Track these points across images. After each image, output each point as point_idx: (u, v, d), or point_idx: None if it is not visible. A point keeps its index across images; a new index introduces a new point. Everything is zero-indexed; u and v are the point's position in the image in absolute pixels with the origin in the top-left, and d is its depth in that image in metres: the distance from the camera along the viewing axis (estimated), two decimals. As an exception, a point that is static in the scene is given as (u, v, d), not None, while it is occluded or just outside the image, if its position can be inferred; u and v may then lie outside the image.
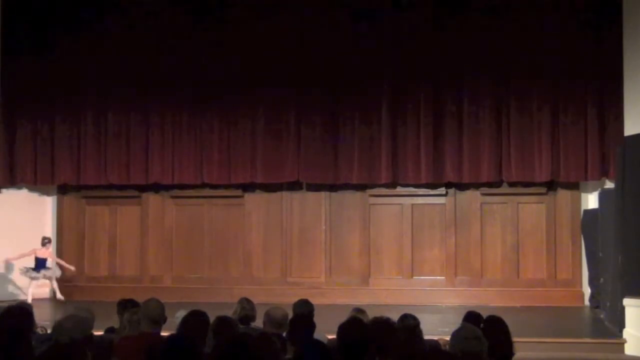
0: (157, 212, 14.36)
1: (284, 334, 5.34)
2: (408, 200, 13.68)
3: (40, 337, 5.40)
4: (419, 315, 5.77)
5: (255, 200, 14.07)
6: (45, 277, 13.34)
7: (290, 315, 5.73)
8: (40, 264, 13.21)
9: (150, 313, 5.12)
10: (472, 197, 13.50)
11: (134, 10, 13.80)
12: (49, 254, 13.40)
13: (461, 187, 13.41)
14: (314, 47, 13.21)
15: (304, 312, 5.84)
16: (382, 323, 4.90)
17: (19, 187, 14.37)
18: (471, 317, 5.68)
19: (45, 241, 13.38)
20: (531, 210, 13.39)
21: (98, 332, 5.66)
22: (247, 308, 6.13)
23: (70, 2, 13.95)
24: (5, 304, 5.44)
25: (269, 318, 5.66)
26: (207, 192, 14.12)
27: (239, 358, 3.28)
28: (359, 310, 6.26)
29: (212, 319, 5.34)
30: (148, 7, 13.77)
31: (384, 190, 13.64)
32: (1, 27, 13.86)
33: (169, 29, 13.63)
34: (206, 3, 13.71)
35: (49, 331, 5.83)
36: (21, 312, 5.13)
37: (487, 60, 12.81)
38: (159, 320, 5.12)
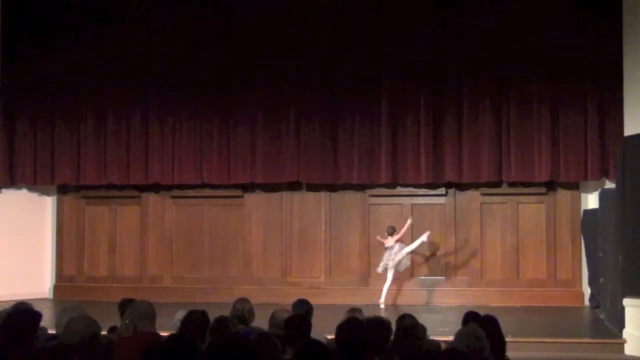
0: (157, 212, 14.37)
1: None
2: (408, 200, 13.67)
3: (43, 337, 5.38)
4: (418, 316, 5.77)
5: (255, 200, 14.07)
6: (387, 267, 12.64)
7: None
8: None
9: (139, 310, 5.10)
10: (472, 197, 13.50)
11: (134, 11, 13.81)
12: (392, 242, 12.66)
13: (461, 187, 13.42)
14: (314, 47, 13.22)
15: (301, 312, 5.83)
16: (377, 323, 4.91)
17: (19, 187, 14.38)
18: (470, 318, 5.67)
19: (389, 230, 12.74)
20: (531, 210, 13.39)
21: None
22: (239, 309, 6.11)
23: (69, 3, 13.96)
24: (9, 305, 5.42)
25: (271, 319, 5.69)
26: (207, 192, 14.12)
27: (231, 357, 3.27)
28: (355, 310, 6.25)
29: (212, 319, 5.34)
30: (148, 7, 13.78)
31: (384, 190, 13.65)
32: (1, 27, 13.88)
33: (168, 30, 13.64)
34: (205, 4, 13.72)
35: (48, 331, 5.82)
36: (27, 313, 5.11)
37: (487, 60, 12.82)
38: (150, 314, 5.09)
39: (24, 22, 14.00)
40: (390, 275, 12.65)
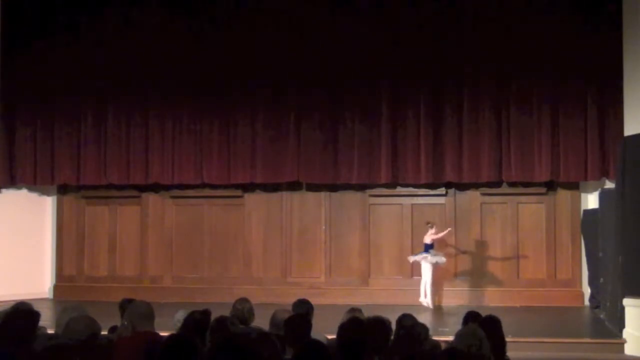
0: (157, 212, 14.37)
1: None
2: (408, 200, 13.68)
3: (43, 336, 5.38)
4: (418, 316, 5.77)
5: (255, 200, 14.07)
6: (427, 260, 12.42)
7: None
8: (426, 248, 12.53)
9: (137, 311, 5.10)
10: (472, 197, 13.50)
11: (134, 12, 13.81)
12: (430, 237, 12.51)
13: (461, 187, 13.41)
14: (314, 47, 13.22)
15: (301, 312, 5.83)
16: (378, 323, 4.91)
17: (19, 187, 14.39)
18: (470, 318, 5.67)
19: (428, 225, 12.60)
20: (531, 210, 13.39)
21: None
22: (239, 309, 6.11)
23: (69, 4, 13.96)
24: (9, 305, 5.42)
25: (271, 319, 5.69)
26: (207, 192, 14.13)
27: (231, 357, 3.28)
28: (355, 310, 6.25)
29: (212, 319, 5.34)
30: (147, 8, 13.78)
31: (384, 190, 13.65)
32: (1, 27, 13.87)
33: (168, 30, 13.64)
34: (206, 4, 13.72)
35: (48, 331, 5.82)
36: (26, 313, 5.11)
37: (487, 61, 12.82)
38: (149, 315, 5.09)
39: (24, 22, 14.00)
40: (428, 271, 12.41)
